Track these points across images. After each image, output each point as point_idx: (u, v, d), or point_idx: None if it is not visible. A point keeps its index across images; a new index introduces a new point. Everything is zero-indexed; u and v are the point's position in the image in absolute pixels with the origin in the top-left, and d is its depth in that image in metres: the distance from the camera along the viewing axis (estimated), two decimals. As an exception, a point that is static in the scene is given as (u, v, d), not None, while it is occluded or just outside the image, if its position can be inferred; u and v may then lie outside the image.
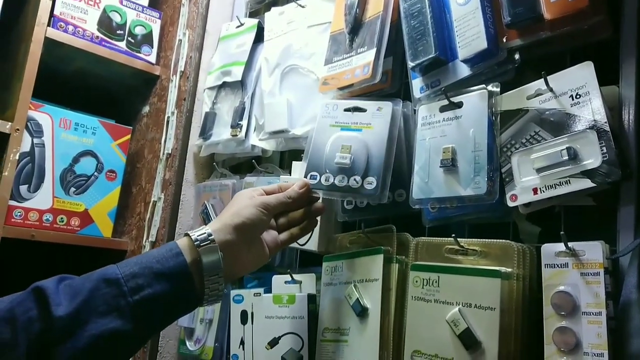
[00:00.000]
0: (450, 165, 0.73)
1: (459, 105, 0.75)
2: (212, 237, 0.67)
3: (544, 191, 0.64)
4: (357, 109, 0.86)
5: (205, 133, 1.17)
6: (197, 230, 0.69)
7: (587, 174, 0.60)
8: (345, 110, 0.87)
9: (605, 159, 0.59)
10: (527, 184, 0.66)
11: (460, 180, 0.72)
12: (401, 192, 0.81)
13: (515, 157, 0.68)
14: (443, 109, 0.76)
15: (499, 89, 0.72)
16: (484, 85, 0.73)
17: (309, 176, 0.85)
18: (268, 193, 0.78)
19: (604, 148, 0.60)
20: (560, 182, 0.63)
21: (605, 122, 0.60)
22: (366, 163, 0.80)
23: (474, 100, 0.73)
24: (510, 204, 0.67)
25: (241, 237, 0.71)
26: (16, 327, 0.57)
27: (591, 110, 0.62)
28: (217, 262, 0.67)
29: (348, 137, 0.84)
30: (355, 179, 0.80)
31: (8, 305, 0.59)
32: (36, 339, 0.57)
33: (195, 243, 0.66)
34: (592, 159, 0.60)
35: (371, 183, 0.79)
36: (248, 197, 0.75)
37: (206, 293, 0.67)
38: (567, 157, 0.62)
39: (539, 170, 0.64)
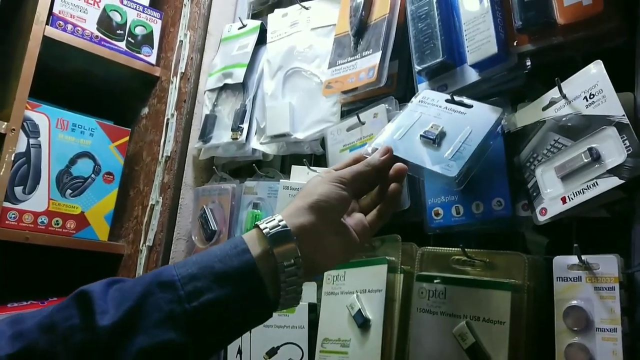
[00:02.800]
0: (432, 139, 0.68)
1: (469, 105, 0.72)
2: (283, 221, 0.57)
3: (572, 199, 0.61)
4: (357, 124, 0.84)
5: (205, 136, 1.15)
6: (266, 220, 0.58)
7: (614, 171, 0.58)
8: (348, 129, 0.85)
9: (629, 152, 0.57)
10: (554, 194, 0.63)
11: (433, 155, 0.67)
12: None
13: (539, 169, 0.65)
14: (450, 101, 0.73)
15: (510, 108, 0.71)
16: (502, 109, 0.70)
17: None
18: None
19: (627, 141, 0.57)
20: (587, 186, 0.59)
21: (624, 115, 0.58)
22: None
23: (486, 109, 0.70)
24: (541, 218, 0.64)
25: (319, 218, 0.59)
26: (55, 335, 0.50)
27: (607, 106, 0.60)
28: (292, 250, 0.55)
29: None
30: None
31: (48, 312, 0.52)
32: (77, 351, 0.49)
33: (264, 231, 0.56)
34: (616, 155, 0.58)
35: None
36: (319, 178, 0.64)
37: (282, 289, 0.56)
38: (590, 159, 0.59)
39: (564, 178, 0.62)
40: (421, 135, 0.69)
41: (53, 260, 1.33)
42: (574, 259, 0.59)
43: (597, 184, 0.59)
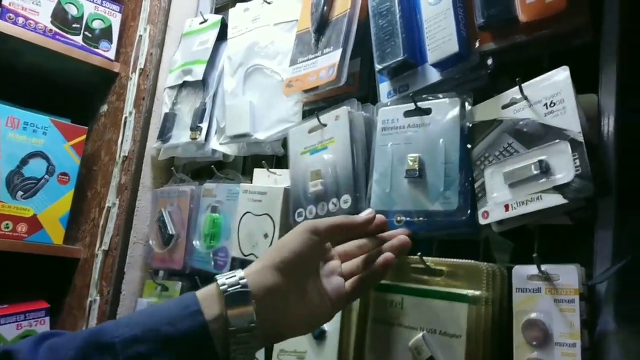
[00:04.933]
0: (417, 176, 0.67)
1: (427, 111, 0.69)
2: (245, 280, 0.52)
3: (515, 208, 0.59)
4: (319, 126, 0.81)
5: (164, 135, 1.10)
6: (227, 275, 0.53)
7: (559, 189, 0.55)
8: (310, 131, 0.82)
9: (578, 172, 0.54)
10: (499, 199, 0.60)
11: (428, 193, 0.66)
12: (347, 198, 0.74)
13: (489, 170, 0.62)
14: (408, 114, 0.71)
15: (472, 98, 0.67)
16: (454, 93, 0.68)
17: (295, 214, 0.80)
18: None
19: (577, 161, 0.54)
20: (531, 198, 0.57)
21: (579, 133, 0.55)
22: (337, 182, 0.76)
23: (445, 108, 0.67)
24: (482, 221, 0.62)
25: (286, 279, 0.54)
26: None
27: (565, 119, 0.57)
28: (248, 314, 0.50)
29: (315, 160, 0.79)
30: (333, 202, 0.76)
31: None
32: None
33: (222, 288, 0.51)
34: (564, 172, 0.55)
35: (347, 201, 0.74)
36: (299, 226, 0.58)
37: (232, 358, 0.50)
38: (538, 171, 0.57)
39: (511, 186, 0.59)
40: (405, 177, 0.68)
41: (4, 265, 1.27)
42: (533, 269, 0.56)
43: (541, 198, 0.56)
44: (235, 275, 0.52)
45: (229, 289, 0.51)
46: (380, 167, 0.71)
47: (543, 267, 0.55)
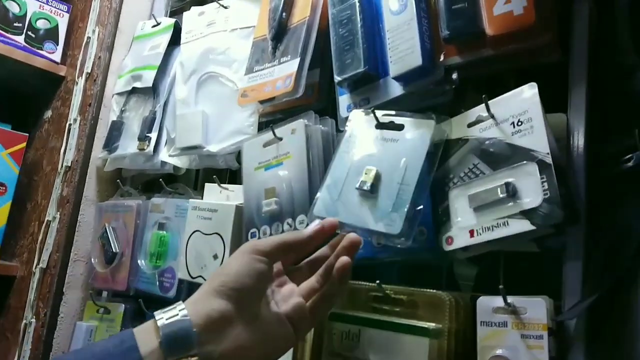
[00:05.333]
0: (368, 190, 0.60)
1: (399, 127, 0.64)
2: (184, 310, 0.47)
3: (480, 234, 0.55)
4: (274, 140, 0.75)
5: (110, 145, 1.02)
6: (166, 309, 0.49)
7: (527, 214, 0.51)
8: (265, 145, 0.76)
9: (546, 197, 0.50)
10: (464, 224, 0.56)
11: (374, 210, 0.60)
12: (302, 218, 0.68)
13: (453, 193, 0.58)
14: (379, 126, 0.65)
15: (449, 122, 0.62)
16: (432, 115, 0.62)
17: (249, 235, 0.74)
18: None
19: (546, 184, 0.51)
20: (497, 224, 0.53)
21: (548, 154, 0.51)
22: (292, 201, 0.70)
23: (418, 128, 0.62)
24: (446, 247, 0.57)
25: (232, 304, 0.49)
26: None
27: (533, 139, 0.53)
28: (187, 346, 0.45)
29: (270, 177, 0.74)
30: (288, 223, 0.70)
31: None
32: None
33: (159, 322, 0.46)
34: (532, 197, 0.51)
35: (302, 222, 0.69)
36: (240, 248, 0.54)
37: None
38: (505, 194, 0.53)
39: (476, 210, 0.55)
40: (356, 188, 0.61)
41: None
42: (499, 301, 0.52)
43: (508, 224, 0.52)
44: (175, 307, 0.48)
45: (166, 321, 0.47)
46: (335, 172, 0.65)
47: (509, 299, 0.52)
